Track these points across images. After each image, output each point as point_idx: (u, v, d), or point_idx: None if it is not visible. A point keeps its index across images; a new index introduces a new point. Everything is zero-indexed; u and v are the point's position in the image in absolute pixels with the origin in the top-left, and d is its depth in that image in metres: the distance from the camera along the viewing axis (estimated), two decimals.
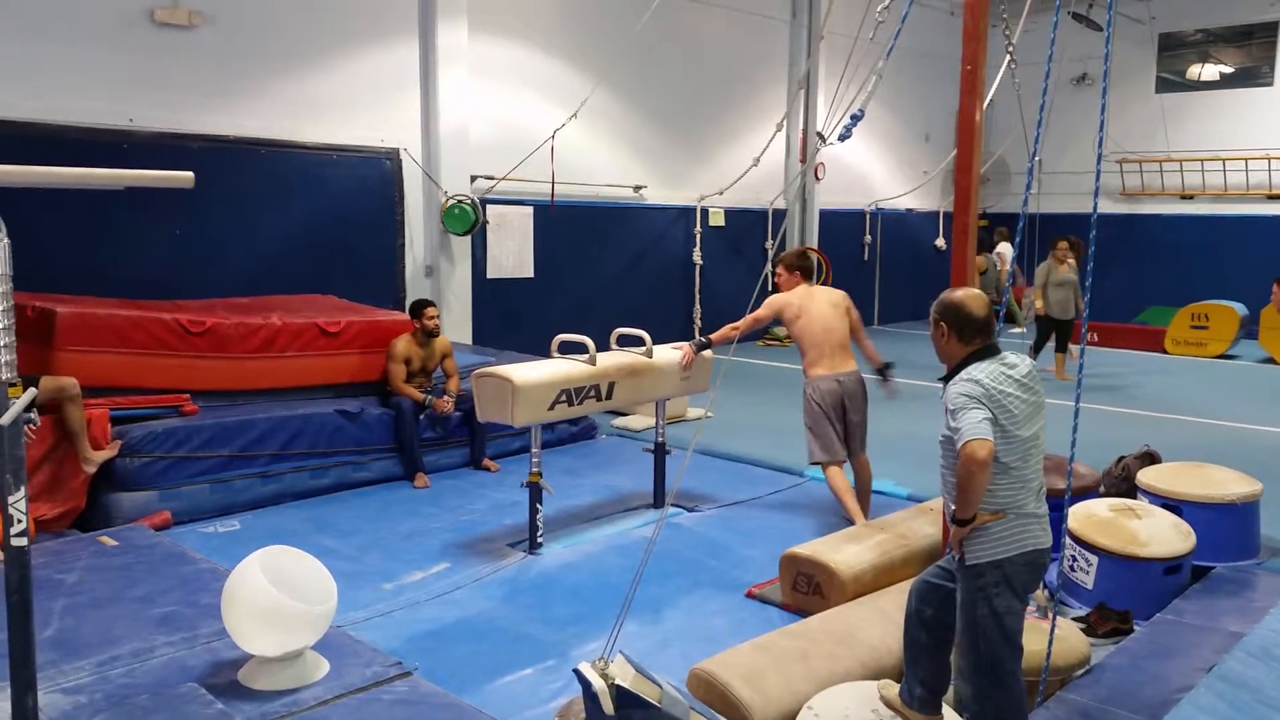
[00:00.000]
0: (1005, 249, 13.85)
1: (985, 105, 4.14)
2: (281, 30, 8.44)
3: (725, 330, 5.74)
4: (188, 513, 5.71)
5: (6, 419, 2.83)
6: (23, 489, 2.89)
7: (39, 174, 3.22)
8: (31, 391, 2.86)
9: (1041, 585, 3.79)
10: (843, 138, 3.92)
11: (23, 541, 2.90)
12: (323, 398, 6.67)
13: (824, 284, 14.05)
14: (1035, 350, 10.14)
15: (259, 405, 6.34)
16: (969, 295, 3.15)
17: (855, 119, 3.93)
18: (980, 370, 3.02)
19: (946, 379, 3.13)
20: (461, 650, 4.16)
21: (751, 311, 5.57)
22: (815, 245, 14.16)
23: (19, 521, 2.88)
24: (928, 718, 3.17)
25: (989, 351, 3.09)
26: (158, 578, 4.47)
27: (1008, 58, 4.96)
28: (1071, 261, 10.16)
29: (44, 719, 3.08)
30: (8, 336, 2.88)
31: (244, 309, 6.88)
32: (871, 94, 4.28)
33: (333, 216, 8.83)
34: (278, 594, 3.39)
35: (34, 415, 2.91)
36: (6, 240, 2.86)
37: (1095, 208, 3.54)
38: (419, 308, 6.84)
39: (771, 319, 5.72)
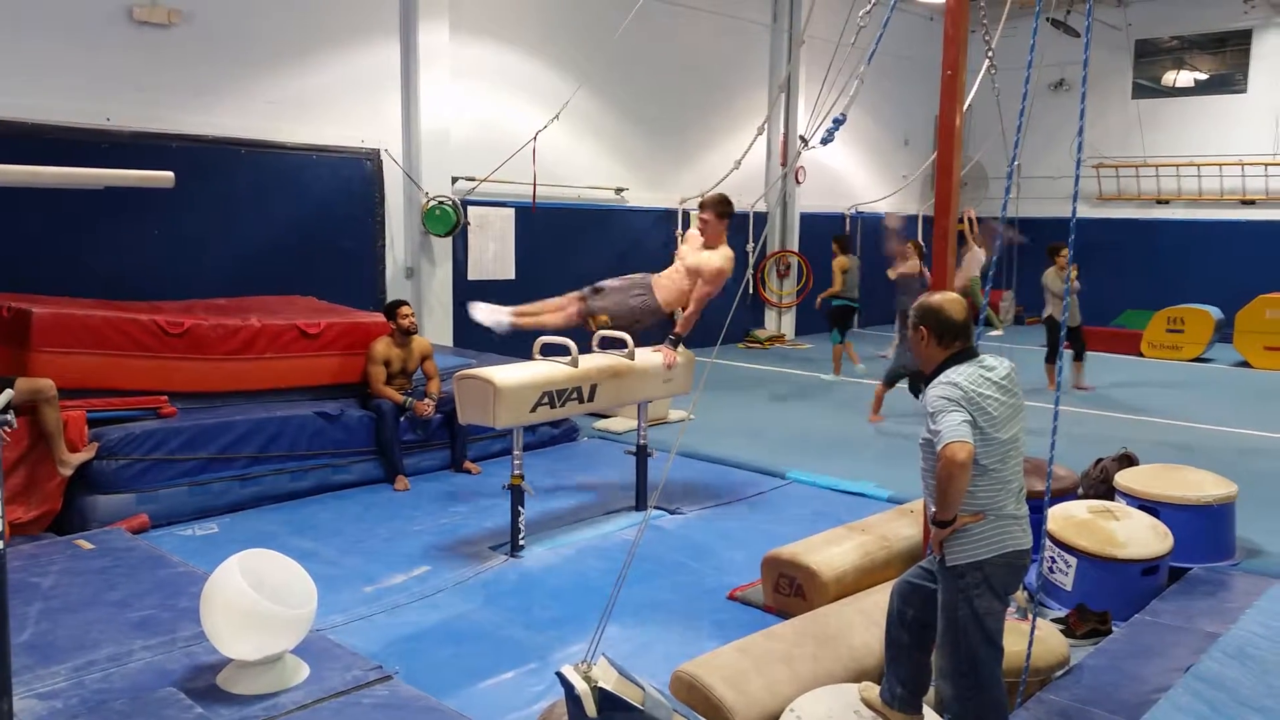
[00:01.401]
0: (979, 253, 13.90)
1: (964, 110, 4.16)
2: (261, 29, 8.39)
3: (686, 317, 5.90)
4: (165, 515, 5.66)
5: None
6: None
7: (16, 173, 3.20)
8: (8, 393, 2.84)
9: (1021, 587, 3.81)
10: (825, 141, 3.93)
11: None
12: (302, 400, 6.62)
13: (803, 288, 14.13)
14: (1053, 361, 9.88)
15: (238, 407, 6.29)
16: (947, 300, 3.17)
17: (838, 123, 3.95)
18: (959, 373, 3.04)
19: (926, 382, 3.15)
20: (442, 653, 4.14)
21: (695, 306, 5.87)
22: (795, 248, 14.22)
23: None
24: (908, 717, 3.19)
25: (967, 354, 3.12)
26: (135, 581, 4.43)
27: (987, 63, 5.00)
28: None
29: None
30: None
31: (223, 310, 6.83)
32: (853, 99, 4.30)
33: (313, 217, 8.78)
34: (257, 597, 3.36)
35: (10, 417, 2.87)
36: None
37: (1074, 212, 3.57)
38: (393, 308, 6.82)
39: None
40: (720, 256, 5.82)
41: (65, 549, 4.88)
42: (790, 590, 4.54)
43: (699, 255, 5.88)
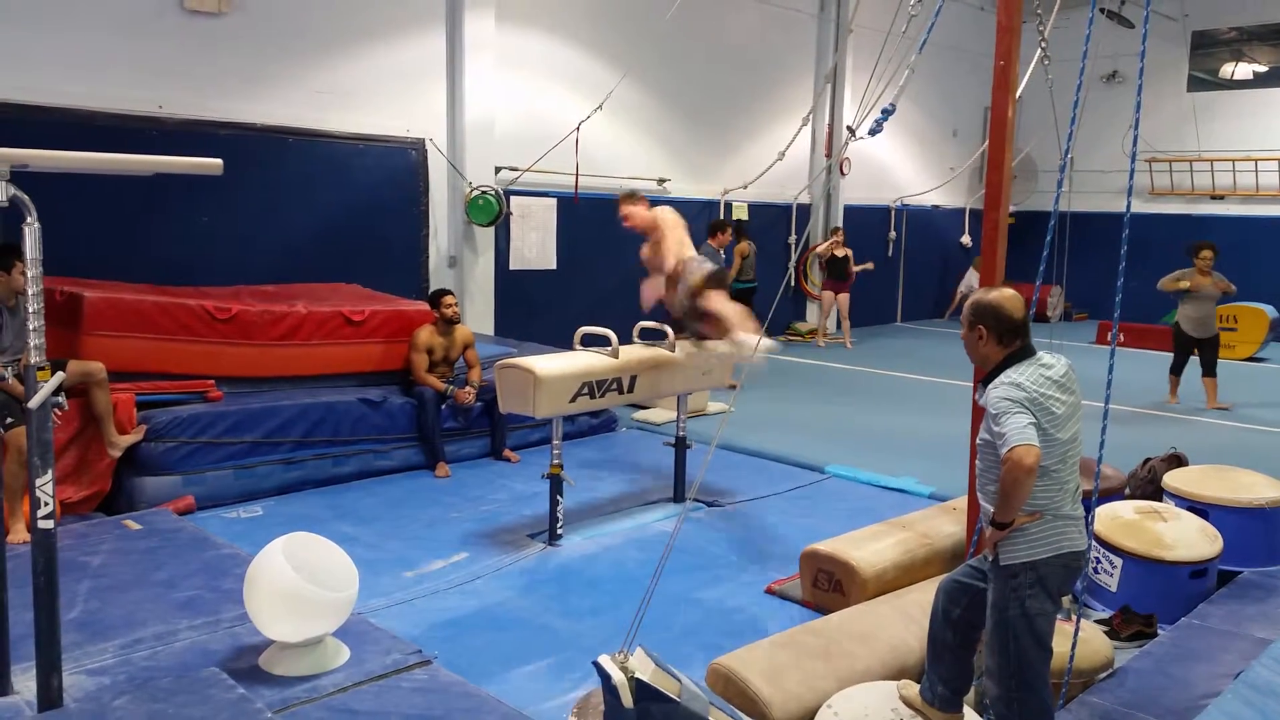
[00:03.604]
0: None
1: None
2: (310, 19, 8.46)
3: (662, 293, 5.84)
4: (211, 498, 5.76)
5: (35, 402, 2.85)
6: (50, 472, 2.92)
7: (70, 159, 3.25)
8: (60, 375, 2.89)
9: None
10: (873, 132, 3.87)
11: (49, 524, 2.93)
12: (346, 386, 6.69)
13: (848, 280, 13.98)
14: (1176, 372, 9.24)
15: (283, 392, 6.38)
16: (1005, 297, 3.10)
17: (886, 113, 3.89)
18: (1020, 373, 2.97)
19: (985, 381, 3.09)
20: (480, 640, 4.17)
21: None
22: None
23: (45, 504, 2.91)
24: (949, 716, 3.15)
25: (1026, 353, 3.04)
26: (181, 562, 4.51)
27: (1039, 52, 4.89)
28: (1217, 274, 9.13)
29: (68, 699, 3.11)
30: (38, 320, 2.90)
31: (270, 296, 6.91)
32: (903, 88, 4.24)
33: (358, 206, 8.85)
34: (300, 580, 3.40)
35: (62, 399, 2.93)
36: (37, 225, 2.88)
37: (1129, 207, 3.49)
38: (437, 297, 6.87)
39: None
40: (659, 217, 5.85)
41: (114, 529, 4.98)
42: (829, 586, 4.50)
43: (663, 250, 5.82)
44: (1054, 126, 4.45)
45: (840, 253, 12.90)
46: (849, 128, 5.22)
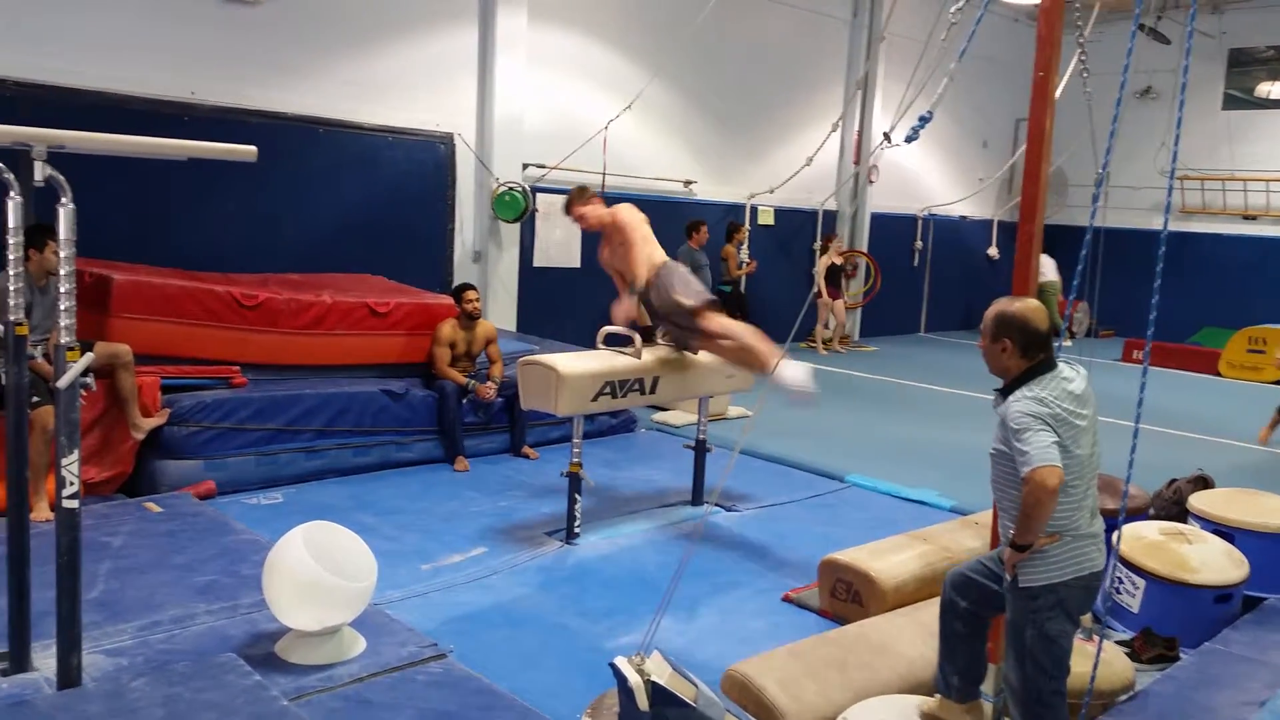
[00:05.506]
0: (1047, 262, 13.49)
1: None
2: (344, 10, 8.50)
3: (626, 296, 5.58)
4: (232, 483, 5.78)
5: (64, 382, 2.87)
6: (76, 451, 2.93)
7: (106, 141, 3.27)
8: (89, 356, 2.90)
9: None
10: (909, 139, 3.84)
11: (74, 503, 2.95)
12: (369, 377, 6.71)
13: (872, 289, 13.88)
14: None
15: (306, 381, 6.40)
16: (1029, 308, 3.05)
17: (924, 120, 3.85)
18: (1043, 387, 2.92)
19: (1004, 392, 3.05)
20: (496, 635, 4.16)
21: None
22: (865, 248, 14.03)
23: (71, 483, 2.92)
24: (967, 705, 3.15)
25: (1048, 365, 3.01)
26: (201, 546, 4.53)
27: (1075, 61, 4.84)
28: None
29: (87, 679, 3.12)
30: (70, 300, 2.92)
31: (296, 285, 6.94)
32: (941, 97, 4.20)
33: (386, 198, 8.88)
34: (319, 569, 3.41)
35: (90, 380, 2.95)
36: (72, 205, 2.90)
37: (1165, 224, 3.44)
38: (460, 291, 6.90)
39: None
40: (618, 219, 5.63)
41: (135, 511, 5.02)
42: (847, 596, 4.47)
43: (631, 259, 5.60)
44: (1086, 140, 4.41)
45: (837, 260, 12.85)
46: (885, 134, 5.17)
